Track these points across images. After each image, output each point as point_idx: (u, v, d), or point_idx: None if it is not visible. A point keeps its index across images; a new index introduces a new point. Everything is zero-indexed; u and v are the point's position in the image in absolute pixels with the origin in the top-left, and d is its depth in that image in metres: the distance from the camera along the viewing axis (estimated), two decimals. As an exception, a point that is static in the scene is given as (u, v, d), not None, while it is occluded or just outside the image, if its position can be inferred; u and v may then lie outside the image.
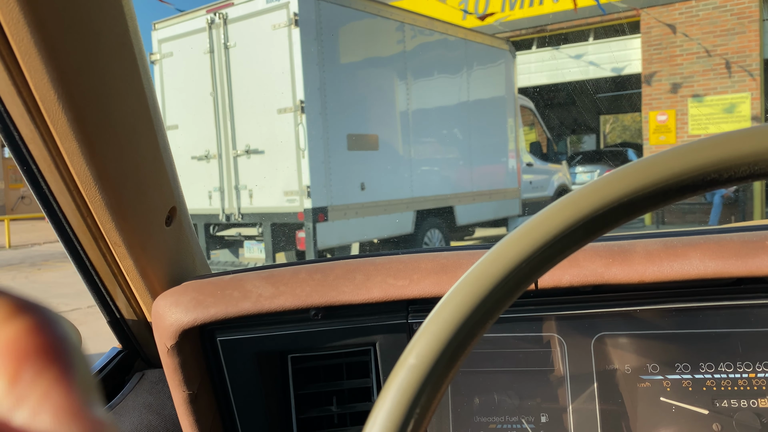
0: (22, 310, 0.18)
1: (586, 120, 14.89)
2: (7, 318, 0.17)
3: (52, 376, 0.17)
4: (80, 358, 0.18)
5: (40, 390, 0.16)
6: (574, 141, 16.96)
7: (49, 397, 0.16)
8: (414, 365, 0.46)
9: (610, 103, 13.93)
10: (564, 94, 11.80)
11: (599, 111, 14.97)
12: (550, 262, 0.48)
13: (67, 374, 0.17)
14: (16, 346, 0.17)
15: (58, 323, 0.18)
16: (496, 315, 0.48)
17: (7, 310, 0.17)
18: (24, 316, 0.17)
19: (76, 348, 0.18)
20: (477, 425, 0.80)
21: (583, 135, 17.15)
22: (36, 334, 0.17)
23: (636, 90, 10.74)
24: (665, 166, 0.46)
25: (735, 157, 0.44)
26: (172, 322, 0.76)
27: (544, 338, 0.79)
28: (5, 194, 16.60)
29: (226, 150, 6.60)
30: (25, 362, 0.17)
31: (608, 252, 0.74)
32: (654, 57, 10.19)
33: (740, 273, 0.70)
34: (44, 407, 0.16)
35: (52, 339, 0.17)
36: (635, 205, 0.47)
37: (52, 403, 0.16)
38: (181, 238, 0.86)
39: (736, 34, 9.54)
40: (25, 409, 0.16)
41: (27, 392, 0.16)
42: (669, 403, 0.75)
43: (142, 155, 0.73)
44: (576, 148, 16.70)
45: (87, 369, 0.18)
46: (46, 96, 0.60)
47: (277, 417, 0.85)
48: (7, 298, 0.18)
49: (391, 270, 0.79)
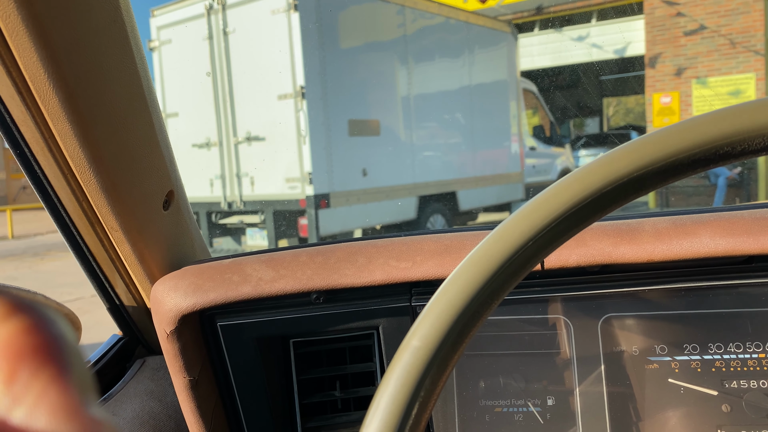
0: (18, 309, 0.18)
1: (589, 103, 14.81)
2: (4, 318, 0.17)
3: (49, 375, 0.17)
4: (76, 357, 0.18)
5: (36, 389, 0.17)
6: (577, 124, 16.89)
7: (46, 396, 0.17)
8: (418, 347, 0.45)
9: (613, 86, 13.85)
10: (567, 77, 11.72)
11: (602, 93, 14.89)
12: (557, 240, 0.47)
13: (63, 373, 0.17)
14: (13, 345, 0.17)
15: (54, 323, 0.18)
16: (501, 296, 0.47)
17: (3, 309, 0.18)
18: (20, 316, 0.18)
19: (73, 347, 0.18)
20: (482, 409, 0.79)
21: (586, 118, 17.07)
22: (32, 334, 0.17)
23: (639, 72, 10.66)
24: (676, 140, 0.44)
25: (749, 129, 0.43)
26: (171, 307, 0.75)
27: (550, 320, 0.78)
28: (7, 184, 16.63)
29: (227, 137, 6.58)
30: (21, 362, 0.17)
31: (616, 231, 0.73)
32: (657, 38, 10.09)
33: (751, 250, 0.68)
34: (41, 406, 0.16)
35: (48, 338, 0.17)
36: (645, 180, 0.45)
37: (49, 402, 0.16)
38: (179, 222, 0.84)
39: (741, 14, 9.44)
40: (22, 408, 0.16)
41: (23, 392, 0.16)
42: (677, 384, 0.74)
43: (137, 137, 0.71)
44: (579, 131, 16.63)
45: (83, 368, 0.18)
46: (36, 75, 0.58)
47: (280, 402, 0.84)
48: (4, 298, 0.18)
49: (394, 252, 0.77)
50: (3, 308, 0.18)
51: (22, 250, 10.03)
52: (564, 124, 10.96)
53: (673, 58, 9.98)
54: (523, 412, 0.78)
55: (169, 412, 0.90)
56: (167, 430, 0.88)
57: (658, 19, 10.05)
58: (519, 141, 8.77)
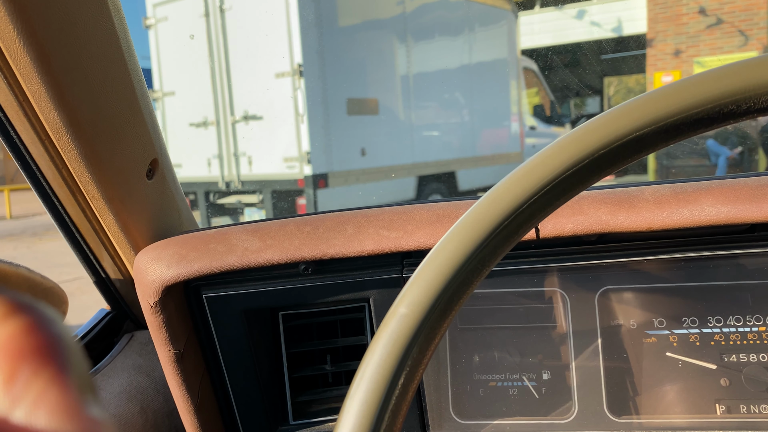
0: (17, 310, 0.18)
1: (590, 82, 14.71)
2: (3, 318, 0.17)
3: (49, 375, 0.17)
4: (76, 357, 0.18)
5: (36, 389, 0.17)
6: (577, 103, 16.80)
7: (46, 396, 0.17)
8: (405, 314, 0.43)
9: (614, 65, 13.74)
10: (568, 56, 11.62)
11: (603, 72, 14.78)
12: (551, 205, 0.44)
13: (63, 373, 0.17)
14: (12, 345, 0.17)
15: (54, 323, 0.18)
16: (492, 263, 0.44)
17: (2, 310, 0.17)
18: (20, 316, 0.17)
19: (72, 347, 0.18)
20: (476, 383, 0.77)
21: (587, 97, 16.97)
22: (32, 334, 0.17)
23: (641, 51, 10.57)
24: (678, 98, 0.42)
25: (755, 86, 0.40)
26: (155, 278, 0.73)
27: (545, 293, 0.76)
28: (4, 164, 16.56)
29: (224, 116, 6.53)
30: (21, 362, 0.17)
31: (614, 199, 0.70)
32: (659, 16, 9.99)
33: (755, 218, 0.66)
34: (41, 406, 0.16)
35: (47, 338, 0.17)
36: (645, 140, 0.43)
37: (49, 403, 0.16)
38: (164, 192, 0.82)
39: (744, -9, 9.34)
40: (22, 408, 0.16)
41: (23, 392, 0.17)
42: (675, 358, 0.73)
43: (116, 101, 0.68)
44: (580, 110, 16.53)
45: (83, 368, 0.18)
46: (4, 33, 0.55)
47: (269, 376, 0.82)
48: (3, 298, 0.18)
49: (384, 221, 0.75)
50: (3, 308, 0.18)
51: (21, 230, 10.01)
52: (564, 104, 10.87)
53: (675, 37, 9.89)
54: (518, 386, 0.76)
55: (157, 386, 0.88)
56: (155, 405, 0.87)
57: (660, -4, 9.94)
58: (519, 120, 8.71)
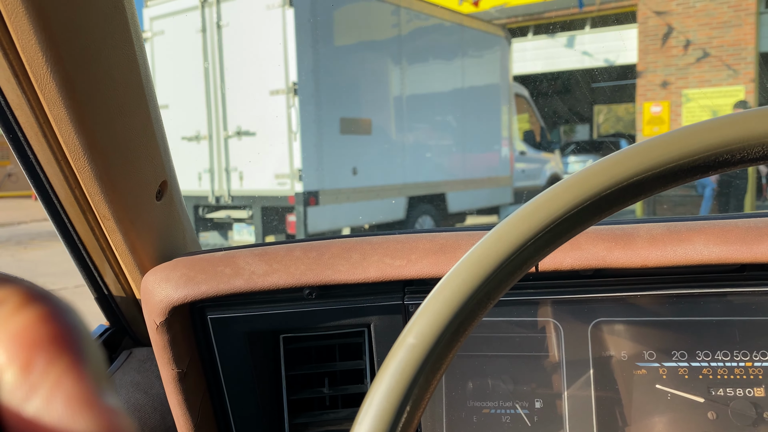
0: (33, 299, 0.18)
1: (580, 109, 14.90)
2: (19, 307, 0.17)
3: (64, 364, 0.17)
4: (92, 347, 0.18)
5: (52, 379, 0.17)
6: (567, 130, 16.99)
7: (61, 385, 0.17)
8: (413, 345, 0.45)
9: (604, 93, 13.94)
10: (559, 83, 11.78)
11: (593, 101, 14.98)
12: (554, 242, 0.47)
13: (78, 363, 0.17)
14: (28, 334, 0.17)
15: (70, 312, 0.18)
16: (497, 296, 0.47)
17: (18, 299, 0.18)
18: (36, 305, 0.18)
19: (88, 337, 0.18)
20: (470, 410, 0.79)
21: (577, 124, 17.17)
22: (48, 323, 0.17)
23: (631, 80, 10.74)
24: (677, 146, 0.44)
25: (749, 137, 0.43)
26: (162, 299, 0.74)
27: (540, 323, 0.78)
28: (-12, 172, 16.38)
29: (217, 131, 6.54)
30: (37, 351, 0.17)
31: (611, 235, 0.73)
32: (650, 48, 10.17)
33: (745, 259, 0.69)
34: (56, 396, 0.16)
35: (63, 328, 0.17)
36: (644, 185, 0.45)
37: (64, 392, 0.17)
38: (171, 213, 0.84)
39: (733, 26, 9.54)
40: (38, 397, 0.16)
41: (39, 381, 0.17)
42: (664, 390, 0.75)
43: (133, 126, 0.70)
44: (569, 137, 16.72)
45: (99, 357, 0.18)
46: (33, 59, 0.57)
47: (268, 398, 0.83)
48: (19, 287, 0.18)
49: (389, 249, 0.77)
50: (19, 297, 0.18)
51: (6, 238, 9.91)
52: (554, 130, 11.01)
53: (665, 68, 10.06)
54: (511, 414, 0.78)
55: (154, 404, 0.89)
56: (152, 423, 0.88)
57: (651, 28, 10.14)
58: (509, 145, 8.80)
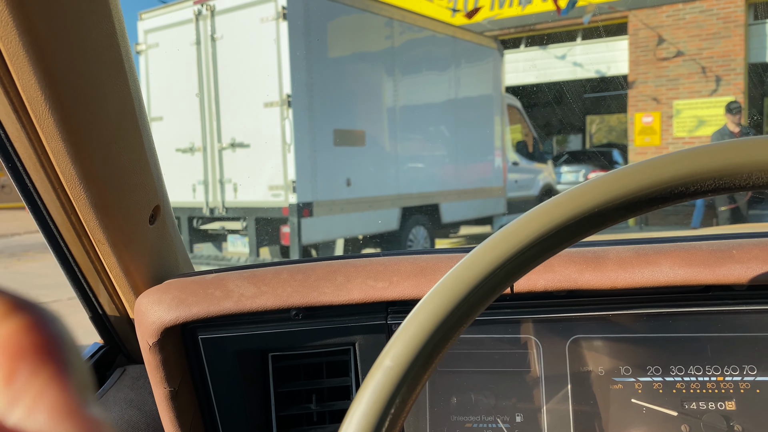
0: (17, 308, 0.17)
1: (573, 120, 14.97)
2: (3, 316, 0.17)
3: (48, 374, 0.17)
4: (76, 357, 0.18)
5: (35, 388, 0.16)
6: (560, 141, 17.07)
7: (45, 395, 0.16)
8: (390, 367, 0.48)
9: (596, 104, 14.02)
10: (551, 94, 11.86)
11: (586, 111, 15.06)
12: (524, 268, 0.50)
13: (62, 373, 0.17)
14: (12, 344, 0.17)
15: (54, 322, 0.18)
16: (470, 319, 0.50)
17: (2, 308, 0.17)
18: (20, 315, 0.17)
19: (72, 346, 0.18)
20: (454, 424, 0.82)
21: (569, 135, 17.26)
22: (32, 333, 0.17)
23: (622, 91, 10.83)
24: (634, 179, 0.48)
25: (701, 171, 0.46)
26: (155, 320, 0.77)
27: (520, 340, 0.81)
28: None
29: (211, 143, 6.57)
30: (20, 361, 0.17)
31: (582, 258, 0.76)
32: (641, 59, 10.27)
33: (708, 281, 0.72)
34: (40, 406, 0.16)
35: (47, 337, 0.17)
36: (606, 215, 0.49)
37: (48, 402, 0.16)
38: (164, 236, 0.87)
39: (722, 38, 9.64)
40: (21, 407, 0.16)
41: (22, 391, 0.16)
42: (640, 404, 0.77)
43: (127, 155, 0.73)
44: (562, 147, 16.80)
45: (82, 367, 0.18)
46: (33, 97, 0.60)
47: (257, 414, 0.86)
48: (3, 297, 0.18)
49: (372, 272, 0.80)
50: (2, 307, 0.17)
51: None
52: (547, 141, 11.07)
53: (656, 79, 10.15)
54: (493, 428, 0.81)
55: (147, 421, 0.92)
56: (145, 439, 0.90)
57: (641, 40, 10.23)
58: (502, 156, 8.85)
